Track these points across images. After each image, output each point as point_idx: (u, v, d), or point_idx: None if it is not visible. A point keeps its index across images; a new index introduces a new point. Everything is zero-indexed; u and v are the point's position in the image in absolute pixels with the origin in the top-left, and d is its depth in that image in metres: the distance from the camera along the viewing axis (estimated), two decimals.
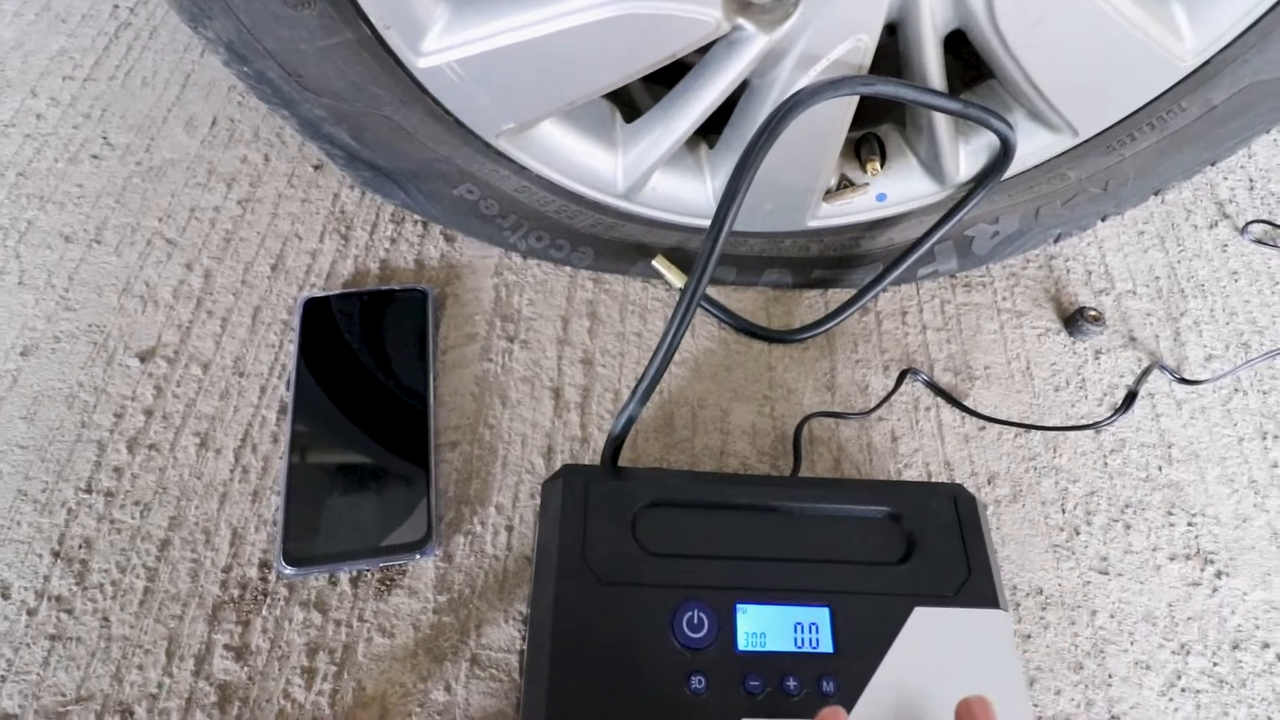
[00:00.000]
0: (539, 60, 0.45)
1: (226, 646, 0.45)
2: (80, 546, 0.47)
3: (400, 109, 0.49)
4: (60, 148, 0.64)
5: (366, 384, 0.53)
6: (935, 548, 0.43)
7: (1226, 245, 0.68)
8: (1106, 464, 0.57)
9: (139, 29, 0.72)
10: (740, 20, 0.43)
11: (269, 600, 0.46)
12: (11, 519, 0.48)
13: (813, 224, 0.58)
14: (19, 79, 0.68)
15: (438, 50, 0.44)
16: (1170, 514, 0.55)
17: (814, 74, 0.45)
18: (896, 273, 0.59)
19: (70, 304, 0.56)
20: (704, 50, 0.47)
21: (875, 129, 0.57)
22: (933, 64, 0.46)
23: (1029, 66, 0.45)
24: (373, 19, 0.43)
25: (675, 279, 0.59)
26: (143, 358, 0.54)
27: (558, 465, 0.53)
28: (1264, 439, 0.58)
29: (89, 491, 0.49)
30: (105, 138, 0.65)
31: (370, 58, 0.45)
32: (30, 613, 0.45)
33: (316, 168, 0.65)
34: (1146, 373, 0.59)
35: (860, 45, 0.44)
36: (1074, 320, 0.62)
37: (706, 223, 0.57)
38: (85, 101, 0.67)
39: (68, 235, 0.60)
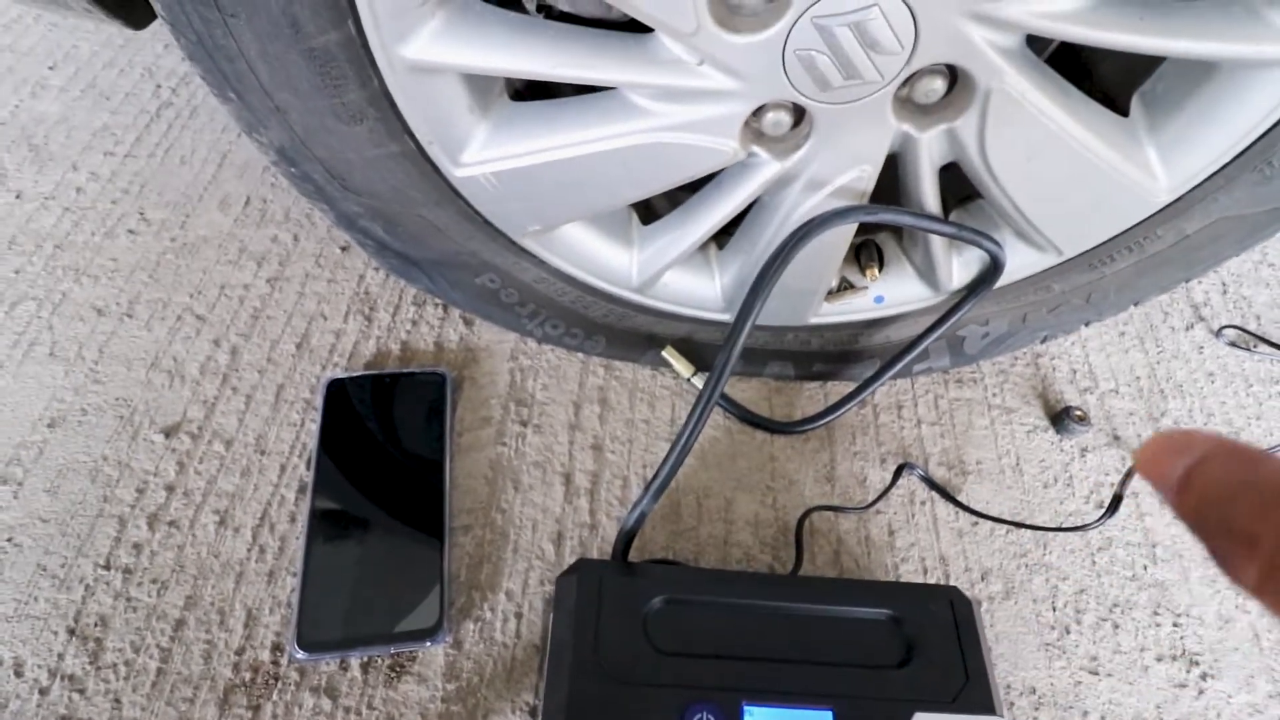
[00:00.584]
0: (568, 177, 0.48)
1: None
2: (96, 624, 0.48)
3: (434, 209, 0.52)
4: (98, 222, 0.67)
5: (385, 466, 0.55)
6: (934, 652, 0.44)
7: (1203, 347, 0.72)
8: (1095, 562, 0.59)
9: (179, 108, 0.76)
10: (755, 148, 0.47)
11: (280, 684, 0.47)
12: (29, 594, 0.49)
13: (814, 320, 0.61)
14: (61, 153, 0.71)
15: (475, 163, 0.48)
16: (1156, 614, 0.57)
17: (821, 197, 0.49)
18: (894, 370, 0.62)
19: (99, 377, 0.58)
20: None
21: (874, 236, 0.61)
22: (929, 191, 0.50)
23: (1017, 197, 0.49)
24: (418, 135, 0.46)
25: (683, 369, 0.62)
26: (167, 433, 0.56)
27: (567, 552, 0.54)
28: None
29: (108, 568, 0.50)
30: (142, 213, 0.68)
31: (412, 167, 0.48)
32: (43, 692, 0.46)
33: (344, 249, 0.68)
34: (1130, 474, 0.62)
35: (864, 174, 0.48)
36: (1060, 419, 0.65)
37: (715, 315, 0.61)
38: (124, 177, 0.70)
39: (100, 308, 0.62)
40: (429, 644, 0.48)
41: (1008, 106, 0.43)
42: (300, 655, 0.47)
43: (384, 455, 0.55)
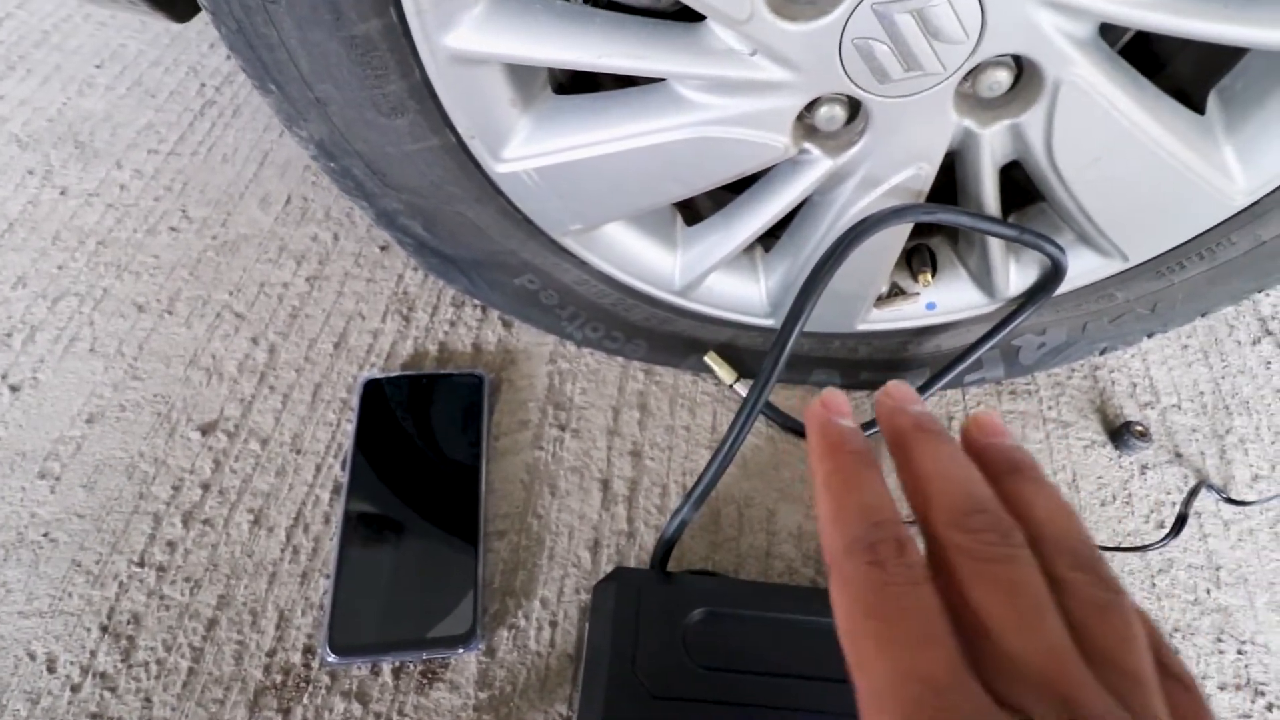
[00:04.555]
0: (612, 173, 0.47)
1: None
2: (129, 622, 0.48)
3: (474, 206, 0.51)
4: (140, 219, 0.67)
5: (420, 468, 0.54)
6: None
7: (1270, 362, 0.69)
8: (1155, 584, 0.56)
9: (223, 107, 0.77)
10: (807, 145, 0.45)
11: (310, 688, 0.46)
12: (64, 590, 0.48)
13: (863, 327, 0.59)
14: (106, 150, 0.72)
15: (517, 158, 0.47)
16: (1220, 640, 0.54)
17: (875, 196, 0.47)
18: (945, 380, 0.59)
19: (138, 373, 0.58)
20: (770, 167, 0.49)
21: (928, 240, 0.58)
22: (989, 192, 0.48)
23: (1083, 199, 0.47)
24: (459, 129, 0.45)
25: (725, 375, 0.60)
26: (204, 430, 0.55)
27: (604, 559, 0.53)
28: None
29: (142, 565, 0.50)
30: (184, 211, 0.68)
31: (452, 162, 0.47)
32: (74, 689, 0.45)
33: (383, 248, 0.67)
34: (1194, 493, 0.59)
35: (921, 173, 0.46)
36: (1120, 434, 0.62)
37: (759, 320, 0.59)
38: (167, 175, 0.71)
39: (141, 305, 0.62)
40: (462, 651, 0.47)
41: (1078, 101, 0.41)
42: (331, 659, 0.46)
43: (419, 457, 0.54)
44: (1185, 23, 0.37)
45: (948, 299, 0.57)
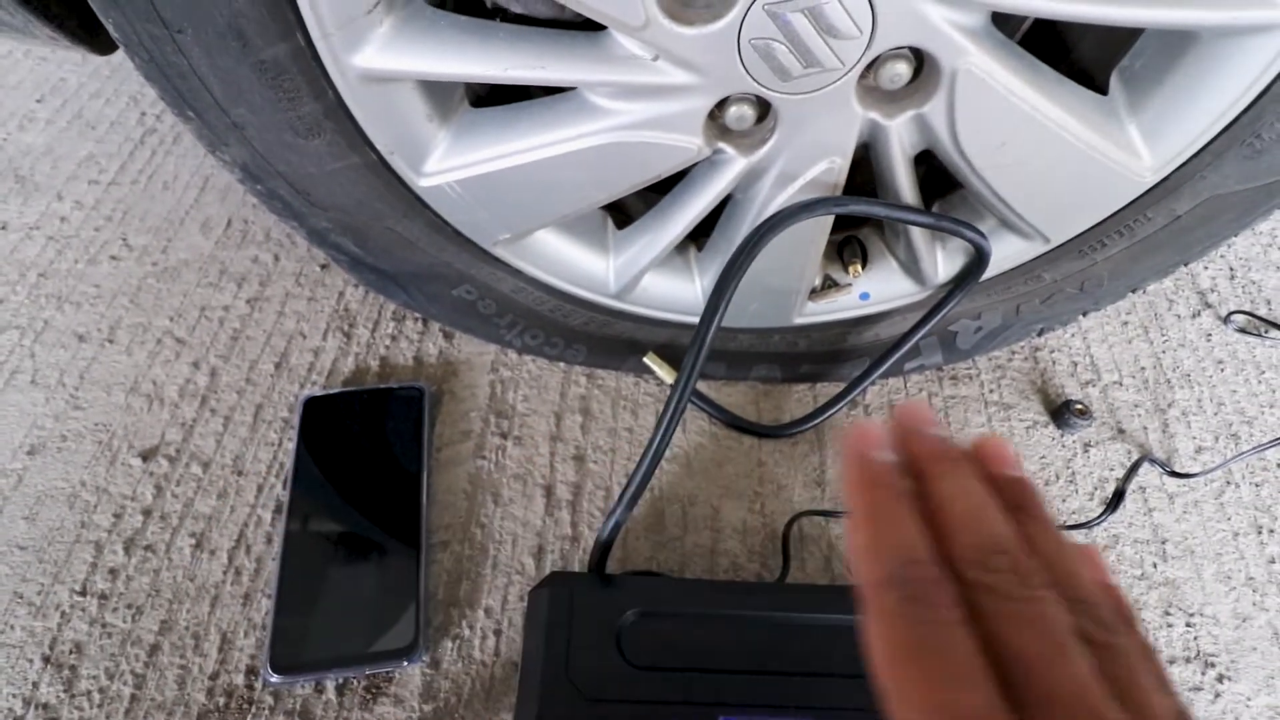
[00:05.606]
0: (532, 181, 0.47)
1: None
2: (71, 651, 0.48)
3: (402, 221, 0.51)
4: (81, 249, 0.67)
5: (362, 484, 0.54)
6: None
7: (1210, 334, 0.70)
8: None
9: (163, 135, 0.77)
10: (720, 145, 0.46)
11: (254, 709, 0.46)
12: (6, 622, 0.48)
13: (799, 321, 0.60)
14: (47, 183, 0.72)
15: (438, 172, 0.47)
16: (1168, 614, 0.55)
17: (791, 191, 0.48)
18: (883, 368, 0.60)
19: (79, 403, 0.58)
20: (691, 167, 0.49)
21: (857, 232, 0.59)
22: (904, 181, 0.48)
23: (995, 184, 0.48)
24: (378, 146, 0.46)
25: (666, 375, 0.61)
26: (145, 456, 0.56)
27: (548, 565, 0.53)
28: (1259, 534, 0.58)
29: (83, 594, 0.50)
30: (125, 239, 0.68)
31: (375, 178, 0.48)
32: None
33: (323, 267, 0.68)
34: (1135, 468, 0.60)
35: (834, 166, 0.47)
36: (1061, 413, 0.63)
37: (696, 319, 0.59)
38: (108, 205, 0.71)
39: (82, 335, 0.62)
40: (405, 664, 0.47)
41: (976, 89, 0.42)
42: (274, 679, 0.46)
43: (361, 472, 0.54)
44: (1070, 7, 0.38)
45: (880, 289, 0.58)
